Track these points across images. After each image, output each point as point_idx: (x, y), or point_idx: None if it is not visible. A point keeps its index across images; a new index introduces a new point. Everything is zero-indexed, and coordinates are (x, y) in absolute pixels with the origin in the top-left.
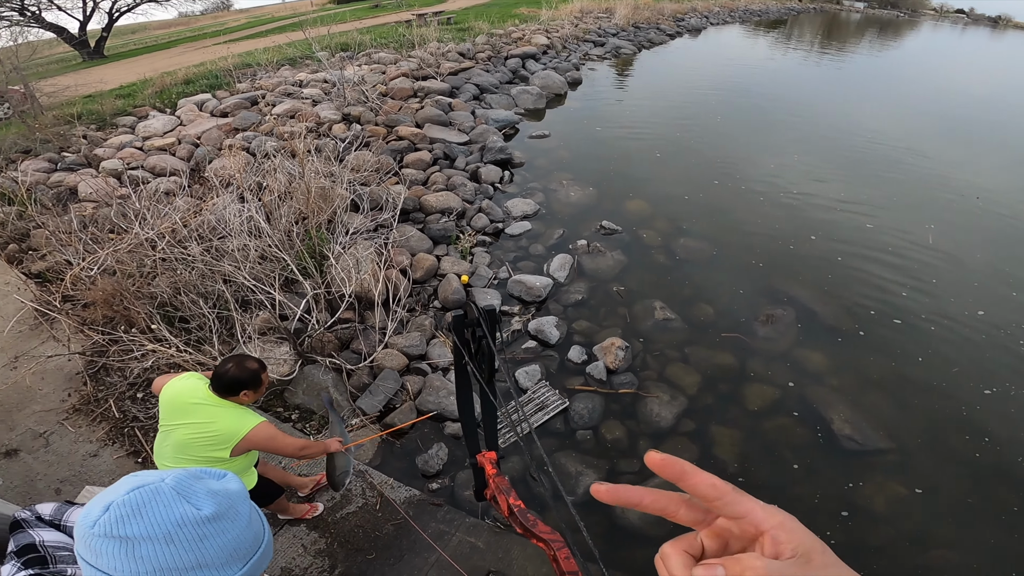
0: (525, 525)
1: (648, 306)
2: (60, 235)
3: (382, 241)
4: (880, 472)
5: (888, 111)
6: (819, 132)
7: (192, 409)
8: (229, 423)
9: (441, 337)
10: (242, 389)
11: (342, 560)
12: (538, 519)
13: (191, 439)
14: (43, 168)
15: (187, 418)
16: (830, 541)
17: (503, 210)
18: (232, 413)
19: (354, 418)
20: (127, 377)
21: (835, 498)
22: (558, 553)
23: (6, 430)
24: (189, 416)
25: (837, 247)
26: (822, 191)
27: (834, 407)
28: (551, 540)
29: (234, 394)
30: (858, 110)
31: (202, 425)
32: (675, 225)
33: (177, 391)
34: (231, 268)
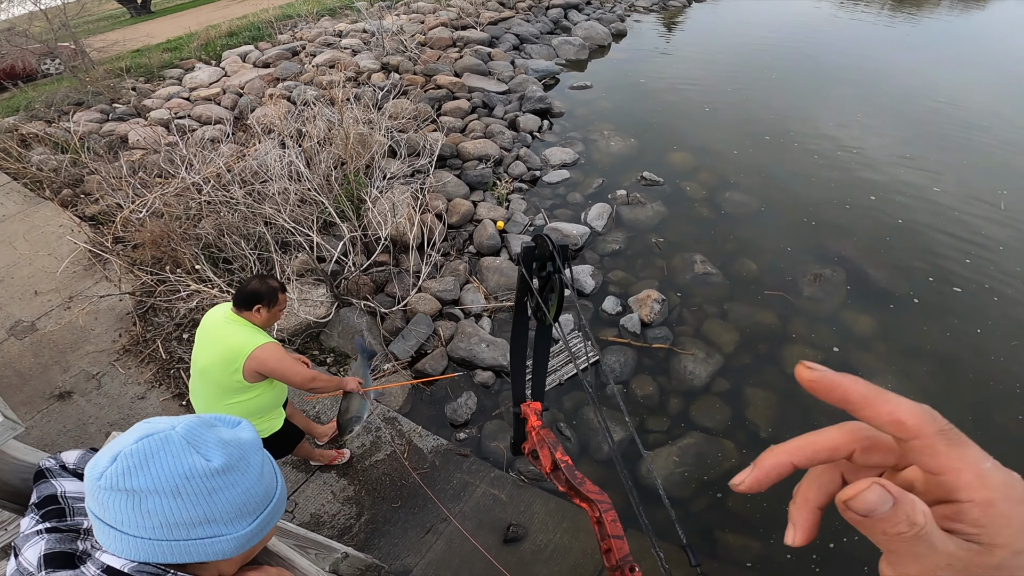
0: (572, 483)
1: (688, 259)
2: (111, 180)
3: (418, 186)
4: None
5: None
6: (886, 94)
7: (211, 331)
8: (238, 338)
9: (475, 282)
10: (257, 303)
11: (368, 508)
12: (586, 478)
13: (208, 362)
14: (95, 119)
15: (206, 340)
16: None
17: (541, 158)
18: (243, 330)
19: (386, 363)
20: (174, 318)
21: None
22: (604, 515)
23: (61, 371)
24: (208, 338)
25: (898, 210)
26: (885, 153)
27: (879, 375)
28: (598, 501)
29: (249, 308)
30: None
31: (216, 343)
32: (721, 179)
33: (205, 319)
34: (272, 211)
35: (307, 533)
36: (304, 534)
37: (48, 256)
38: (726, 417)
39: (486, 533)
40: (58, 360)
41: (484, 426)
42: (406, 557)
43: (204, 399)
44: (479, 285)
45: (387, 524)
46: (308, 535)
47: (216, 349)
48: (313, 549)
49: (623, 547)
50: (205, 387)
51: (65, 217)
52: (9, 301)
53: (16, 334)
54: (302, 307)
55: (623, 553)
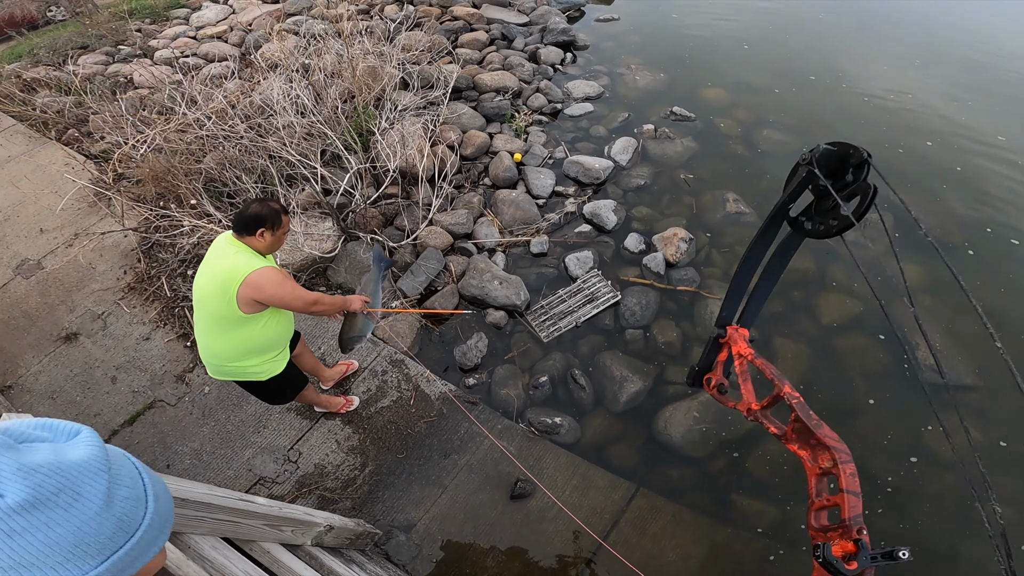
0: (807, 423)
1: (719, 197)
2: (112, 119)
3: (431, 118)
4: (957, 412)
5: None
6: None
7: (210, 258)
8: (234, 262)
9: (489, 216)
10: (260, 226)
11: (373, 458)
12: (823, 421)
13: (204, 290)
14: (100, 61)
15: (204, 267)
16: (887, 489)
17: (563, 91)
18: (242, 255)
19: (394, 300)
20: (177, 254)
21: (906, 438)
22: (842, 467)
23: (67, 311)
24: (206, 265)
25: (957, 156)
26: (946, 100)
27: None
28: (837, 449)
29: (252, 233)
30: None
31: (213, 269)
32: (758, 117)
33: (210, 248)
34: (276, 144)
35: (279, 510)
36: (276, 512)
37: (53, 195)
38: (753, 370)
39: (492, 487)
40: (64, 300)
41: (495, 371)
42: (410, 511)
43: (205, 333)
44: (494, 218)
45: (391, 476)
46: (280, 512)
47: (213, 275)
48: (288, 527)
49: (857, 505)
50: (204, 319)
51: (70, 156)
52: (15, 240)
53: (23, 273)
54: (307, 241)
55: (856, 512)
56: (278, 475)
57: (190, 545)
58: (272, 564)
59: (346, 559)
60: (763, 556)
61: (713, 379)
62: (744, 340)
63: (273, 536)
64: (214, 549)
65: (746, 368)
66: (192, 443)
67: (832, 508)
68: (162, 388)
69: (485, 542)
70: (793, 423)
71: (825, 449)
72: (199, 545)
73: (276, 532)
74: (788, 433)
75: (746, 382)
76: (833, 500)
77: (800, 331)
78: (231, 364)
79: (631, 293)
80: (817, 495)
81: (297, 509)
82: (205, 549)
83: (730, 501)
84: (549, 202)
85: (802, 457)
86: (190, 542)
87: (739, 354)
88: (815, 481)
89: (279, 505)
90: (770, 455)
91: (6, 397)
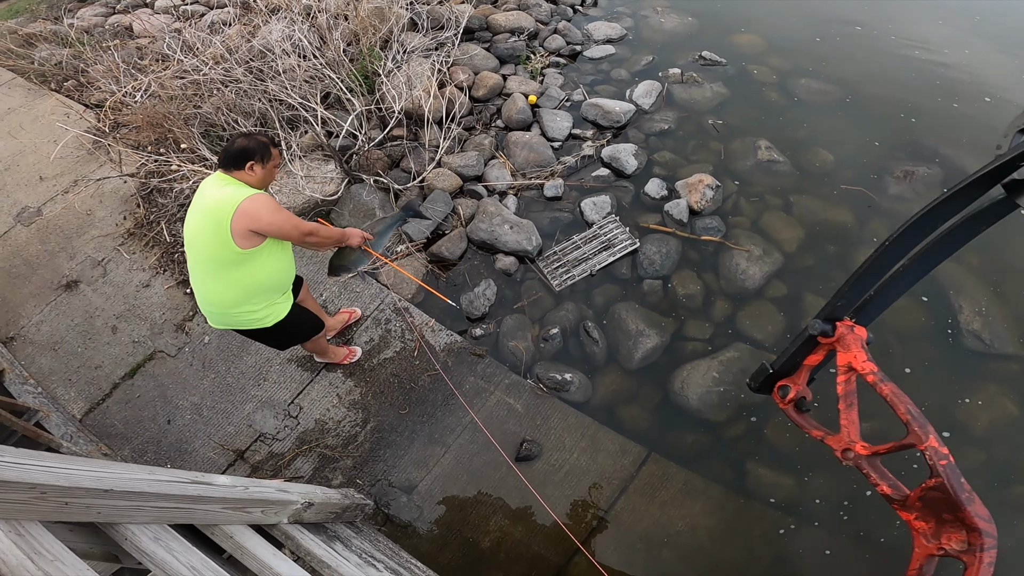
0: (955, 495)
1: (750, 144)
2: (110, 68)
3: (440, 59)
4: (997, 382)
5: None
6: None
7: (199, 198)
8: (225, 193)
9: (501, 158)
10: (248, 160)
11: (375, 414)
12: (974, 493)
13: (196, 228)
14: (100, 13)
15: (193, 207)
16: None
17: (583, 32)
18: (231, 186)
19: (400, 244)
20: (176, 198)
21: (941, 410)
22: (982, 555)
23: (67, 258)
24: (195, 204)
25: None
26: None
27: (967, 293)
28: (985, 531)
29: (240, 167)
30: None
31: (205, 204)
32: (796, 64)
33: (196, 192)
34: (276, 88)
35: (244, 491)
36: (239, 495)
37: (52, 144)
38: (779, 328)
39: (497, 449)
40: (64, 247)
41: (503, 321)
42: (412, 471)
43: (202, 280)
44: (505, 161)
45: (393, 433)
46: (246, 494)
47: (205, 210)
48: (255, 508)
49: None
50: (200, 264)
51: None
52: (15, 188)
53: (23, 220)
54: (309, 184)
55: None
56: (278, 431)
57: (127, 536)
58: (236, 551)
59: (330, 536)
60: (774, 529)
61: (792, 389)
62: (860, 346)
63: (238, 519)
64: (155, 540)
65: (854, 388)
66: (192, 396)
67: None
68: (162, 338)
69: (488, 505)
70: (928, 489)
71: (964, 529)
72: (137, 537)
73: (242, 514)
74: (912, 499)
75: (851, 408)
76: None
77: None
78: (234, 311)
79: (650, 241)
80: None
81: (269, 486)
82: (143, 541)
83: (745, 470)
84: (565, 145)
85: (917, 529)
86: (127, 533)
87: (849, 366)
88: (923, 561)
89: (245, 484)
90: (791, 423)
91: (9, 350)
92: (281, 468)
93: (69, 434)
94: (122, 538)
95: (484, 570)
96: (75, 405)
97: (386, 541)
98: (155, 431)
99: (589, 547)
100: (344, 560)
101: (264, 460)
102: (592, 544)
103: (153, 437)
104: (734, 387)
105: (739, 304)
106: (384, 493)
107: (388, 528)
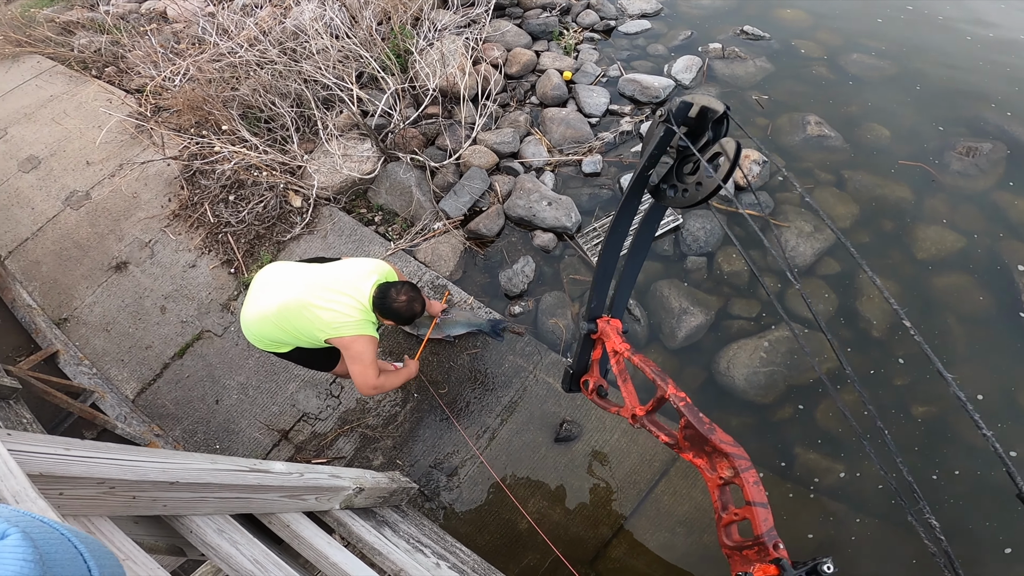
0: (698, 429)
1: (798, 120)
2: (147, 53)
3: (473, 36)
4: None
5: None
6: None
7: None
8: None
9: (536, 134)
10: (391, 318)
11: (414, 392)
12: (715, 424)
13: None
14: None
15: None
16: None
17: (617, 7)
18: (361, 314)
19: (437, 222)
20: (218, 180)
21: (1001, 396)
22: (744, 475)
23: (116, 240)
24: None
25: None
26: None
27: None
28: (736, 455)
29: (388, 319)
30: None
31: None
32: (845, 39)
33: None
34: (311, 68)
35: (299, 478)
36: (295, 482)
37: (96, 129)
38: (831, 307)
39: (536, 428)
40: (113, 229)
41: (542, 298)
42: (451, 452)
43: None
44: (541, 137)
45: (432, 413)
46: (301, 481)
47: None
48: (310, 495)
49: (768, 517)
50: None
51: (109, 93)
52: (63, 173)
53: (72, 204)
54: (346, 163)
55: (769, 525)
56: (320, 411)
57: (192, 529)
58: (292, 540)
59: (378, 521)
60: (824, 515)
61: (591, 381)
62: (617, 333)
63: (294, 506)
64: (219, 533)
65: (624, 367)
66: (239, 376)
67: (742, 522)
68: (209, 317)
69: (527, 487)
70: (684, 429)
71: (723, 456)
72: (201, 529)
73: (297, 502)
74: (680, 440)
75: (626, 383)
76: (742, 513)
77: (890, 266)
78: (282, 349)
79: (694, 217)
80: (723, 509)
81: (323, 472)
82: (208, 534)
83: (794, 454)
84: (603, 121)
85: (699, 467)
86: (191, 526)
87: (614, 351)
88: (717, 493)
89: (300, 470)
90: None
91: (63, 331)
92: (323, 448)
93: (123, 415)
94: (187, 531)
95: (522, 552)
96: (127, 386)
97: (431, 525)
98: (204, 411)
99: (628, 529)
100: (394, 547)
101: (307, 440)
102: (631, 526)
103: (203, 417)
104: (783, 368)
105: (788, 282)
106: (424, 474)
107: (428, 509)
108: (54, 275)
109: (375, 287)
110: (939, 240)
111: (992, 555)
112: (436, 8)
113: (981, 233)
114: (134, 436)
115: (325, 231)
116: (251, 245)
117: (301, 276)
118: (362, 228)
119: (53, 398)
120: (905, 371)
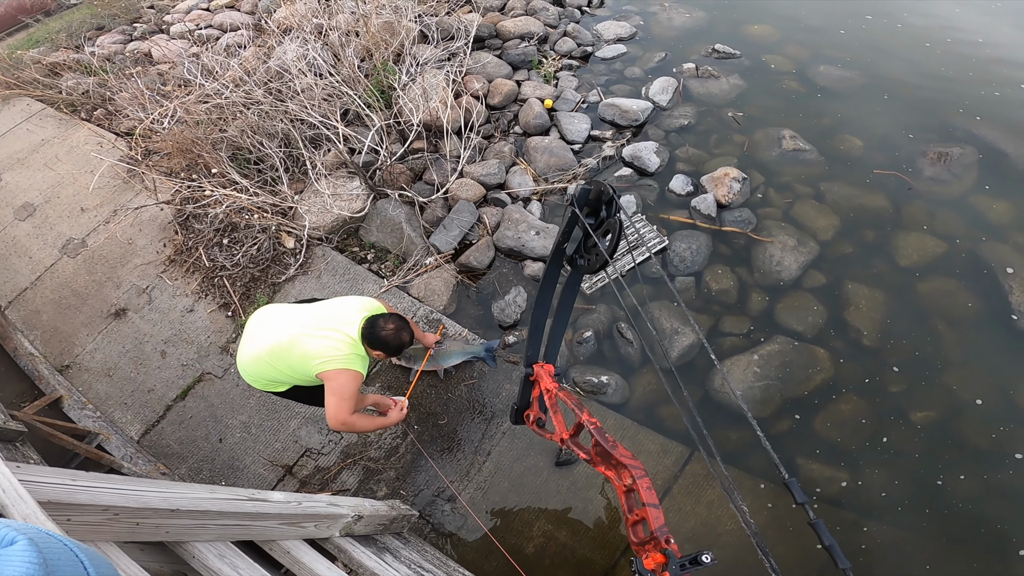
0: (604, 447)
1: (773, 135)
2: (135, 95)
3: (454, 69)
4: None
5: None
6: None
7: (313, 318)
8: (334, 354)
9: (522, 164)
10: (380, 348)
11: (413, 424)
12: (617, 442)
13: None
14: (118, 40)
15: (298, 323)
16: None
17: (592, 33)
18: (346, 346)
19: (428, 257)
20: (211, 223)
21: (1000, 399)
22: (639, 482)
23: (113, 287)
24: (313, 318)
25: None
26: None
27: (1016, 273)
28: (632, 466)
29: (376, 349)
30: None
31: (310, 336)
32: (812, 52)
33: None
34: (296, 107)
35: (298, 506)
36: (294, 510)
37: (89, 173)
38: (820, 319)
39: (536, 454)
40: (110, 276)
41: None
42: (454, 480)
43: (258, 365)
44: (527, 167)
45: (433, 443)
46: (299, 509)
47: (305, 341)
48: (309, 523)
49: (659, 516)
50: (267, 360)
51: (100, 136)
52: (59, 220)
53: (69, 252)
54: (336, 202)
55: (660, 523)
56: (323, 446)
57: (194, 555)
58: (293, 566)
59: (379, 548)
60: (831, 526)
61: (531, 415)
62: (549, 376)
63: (294, 533)
64: (221, 558)
65: (555, 402)
66: (241, 415)
67: (643, 522)
68: (209, 360)
69: (531, 510)
70: (594, 447)
71: (624, 467)
72: (204, 555)
73: (296, 529)
74: (593, 456)
75: (556, 414)
76: (641, 514)
77: (876, 275)
78: (279, 388)
79: (680, 238)
80: (629, 511)
81: (320, 500)
82: (210, 559)
83: (796, 465)
84: (585, 147)
85: (610, 477)
86: (194, 551)
87: (546, 389)
88: (624, 498)
89: (298, 499)
90: (840, 415)
91: (65, 377)
92: (328, 482)
93: (129, 455)
94: (190, 556)
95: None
96: (132, 427)
97: (433, 551)
98: (208, 450)
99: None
100: (395, 572)
101: (311, 474)
102: None
103: (207, 456)
104: (778, 381)
105: (776, 296)
106: (428, 503)
107: (433, 537)
108: (54, 323)
109: (364, 321)
110: (920, 247)
111: (1011, 558)
112: (417, 43)
113: (963, 237)
114: (141, 475)
115: (319, 271)
116: (247, 288)
117: (293, 316)
118: (355, 267)
119: (59, 440)
120: (900, 378)
